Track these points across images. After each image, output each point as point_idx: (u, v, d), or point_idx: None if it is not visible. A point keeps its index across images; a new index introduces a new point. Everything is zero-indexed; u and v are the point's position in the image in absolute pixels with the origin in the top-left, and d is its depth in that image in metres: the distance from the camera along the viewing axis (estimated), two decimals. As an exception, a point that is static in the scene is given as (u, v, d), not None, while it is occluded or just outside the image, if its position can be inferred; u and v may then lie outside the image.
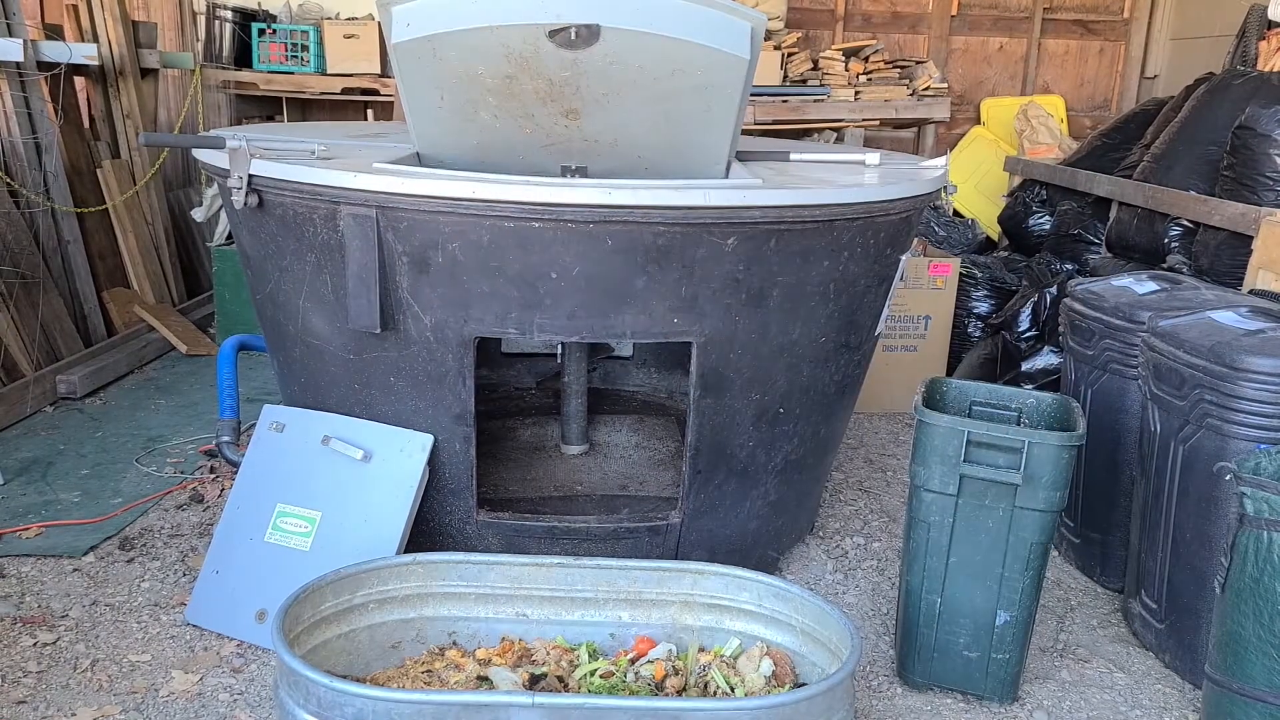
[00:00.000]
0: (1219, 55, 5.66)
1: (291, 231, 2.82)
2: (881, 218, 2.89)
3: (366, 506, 2.89)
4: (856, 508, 3.94)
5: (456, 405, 2.86)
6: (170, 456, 4.15)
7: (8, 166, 4.83)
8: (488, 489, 3.29)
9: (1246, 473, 2.35)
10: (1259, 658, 2.32)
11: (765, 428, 3.00)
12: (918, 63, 6.59)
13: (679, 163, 3.07)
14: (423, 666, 2.50)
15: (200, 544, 3.39)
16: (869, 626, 3.12)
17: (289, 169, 2.71)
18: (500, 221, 2.58)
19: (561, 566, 2.59)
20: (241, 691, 2.68)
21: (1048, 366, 4.34)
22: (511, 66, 2.79)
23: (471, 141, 3.06)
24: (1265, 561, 2.29)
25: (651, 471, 3.66)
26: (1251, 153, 3.80)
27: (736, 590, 2.58)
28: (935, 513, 2.65)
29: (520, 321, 2.72)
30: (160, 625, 2.96)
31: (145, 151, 5.87)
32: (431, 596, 2.59)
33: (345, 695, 2.03)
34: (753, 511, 3.15)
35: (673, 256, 2.64)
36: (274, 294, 3.04)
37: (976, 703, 2.77)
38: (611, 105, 2.89)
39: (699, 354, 2.79)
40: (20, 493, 3.74)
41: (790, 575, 3.39)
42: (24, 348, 4.67)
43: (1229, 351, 2.63)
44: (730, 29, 2.78)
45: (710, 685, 2.43)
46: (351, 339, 2.85)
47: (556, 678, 2.40)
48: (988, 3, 7.27)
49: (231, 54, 6.51)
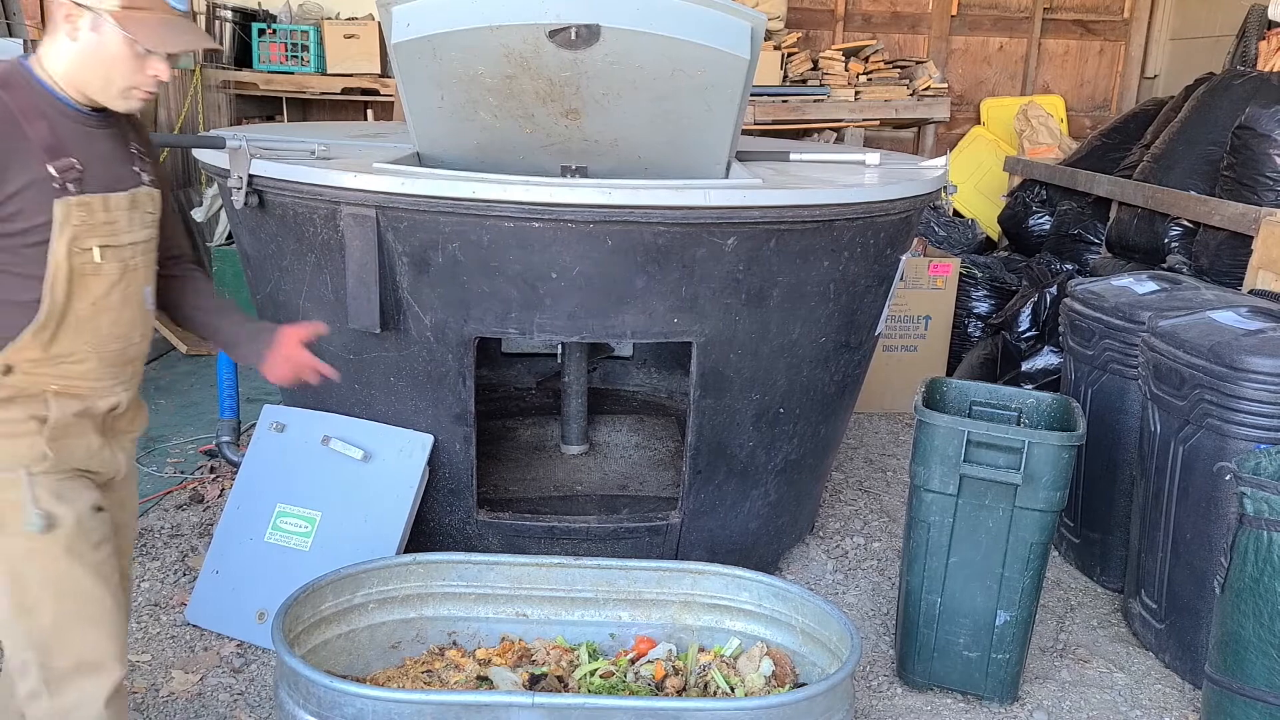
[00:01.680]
0: (1219, 55, 5.66)
1: (291, 231, 2.82)
2: (881, 218, 2.88)
3: (366, 506, 2.89)
4: (856, 508, 3.94)
5: (456, 405, 2.86)
6: (170, 456, 4.15)
7: (8, 166, 4.83)
8: (488, 489, 3.29)
9: (1246, 473, 2.35)
10: (1259, 658, 2.32)
11: (765, 428, 3.00)
12: (918, 63, 6.59)
13: (679, 163, 3.07)
14: (423, 666, 2.50)
15: (200, 544, 3.39)
16: (869, 626, 3.12)
17: (289, 169, 2.71)
18: (500, 221, 2.58)
19: (561, 566, 2.59)
20: (242, 691, 2.68)
21: (1048, 366, 4.34)
22: (511, 66, 2.79)
23: (471, 141, 3.06)
24: (1265, 561, 2.29)
25: (651, 471, 3.66)
26: (1251, 153, 3.79)
27: (736, 590, 2.58)
28: (935, 513, 2.65)
29: (520, 321, 2.72)
30: (160, 625, 2.96)
31: (145, 151, 5.86)
32: (431, 596, 2.59)
33: (345, 695, 2.03)
34: (753, 511, 3.15)
35: (673, 256, 2.64)
36: (274, 294, 3.04)
37: (976, 703, 2.77)
38: (611, 105, 2.89)
39: (699, 354, 2.79)
40: (20, 493, 3.74)
41: (790, 575, 3.39)
42: (24, 348, 4.66)
43: (1229, 351, 2.63)
44: (730, 29, 2.78)
45: (710, 685, 2.43)
46: (352, 339, 2.85)
47: (556, 678, 2.40)
48: (988, 3, 7.27)
49: (231, 54, 6.51)
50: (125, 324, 1.88)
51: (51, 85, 1.78)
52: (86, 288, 1.79)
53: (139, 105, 1.84)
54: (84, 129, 1.81)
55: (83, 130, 1.80)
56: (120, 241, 1.83)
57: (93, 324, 1.82)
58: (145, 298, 1.92)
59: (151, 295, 1.95)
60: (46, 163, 1.72)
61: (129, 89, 1.80)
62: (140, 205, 1.88)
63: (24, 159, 1.70)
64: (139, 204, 1.87)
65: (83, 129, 1.80)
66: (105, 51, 1.74)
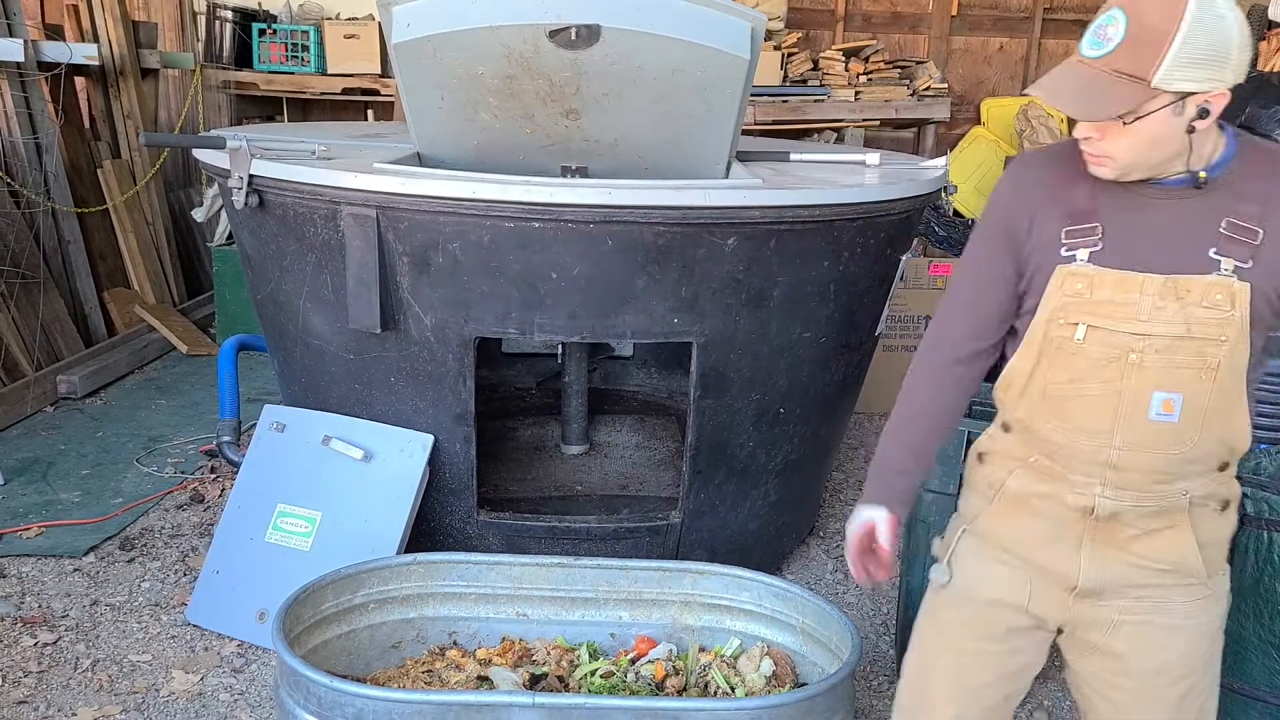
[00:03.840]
0: (1219, 55, 5.64)
1: (292, 231, 2.82)
2: (881, 218, 2.88)
3: (367, 506, 2.89)
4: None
5: (457, 405, 2.86)
6: (171, 456, 4.15)
7: (8, 166, 4.84)
8: (488, 489, 3.29)
9: (1246, 473, 2.35)
10: (1259, 658, 2.32)
11: (765, 428, 3.00)
12: (918, 63, 6.58)
13: (679, 163, 3.07)
14: (423, 666, 2.50)
15: (201, 544, 3.39)
16: (869, 626, 3.13)
17: (289, 169, 2.71)
18: (500, 221, 2.58)
19: (562, 566, 2.59)
20: (242, 691, 2.68)
21: (1048, 366, 4.33)
22: (512, 67, 2.79)
23: (472, 141, 3.06)
24: (1265, 561, 2.29)
25: (651, 471, 3.66)
26: (1251, 153, 3.79)
27: (737, 590, 2.58)
28: (935, 512, 2.65)
29: (521, 321, 2.72)
30: (161, 625, 2.96)
31: (145, 151, 5.87)
32: (432, 596, 2.59)
33: (346, 695, 2.03)
34: (753, 511, 3.15)
35: (673, 256, 2.64)
36: (275, 294, 3.04)
37: (976, 702, 2.77)
38: (611, 105, 2.89)
39: (699, 354, 2.79)
40: (20, 493, 3.75)
41: (790, 575, 3.39)
42: (24, 348, 4.67)
43: (1229, 351, 2.63)
44: (730, 29, 2.78)
45: (710, 685, 2.43)
46: (352, 339, 2.85)
47: (557, 678, 2.40)
48: (988, 3, 7.27)
49: (232, 54, 6.50)
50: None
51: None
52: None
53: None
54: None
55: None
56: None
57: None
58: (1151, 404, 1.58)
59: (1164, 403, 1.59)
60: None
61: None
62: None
63: None
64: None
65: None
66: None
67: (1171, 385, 1.54)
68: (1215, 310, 1.51)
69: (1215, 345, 1.51)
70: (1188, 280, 1.51)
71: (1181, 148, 1.48)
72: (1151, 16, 1.41)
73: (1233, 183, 1.53)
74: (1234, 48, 1.43)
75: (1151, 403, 1.55)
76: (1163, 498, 1.60)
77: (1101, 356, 1.55)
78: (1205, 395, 1.54)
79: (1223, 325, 1.51)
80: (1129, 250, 1.54)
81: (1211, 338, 1.51)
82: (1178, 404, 1.54)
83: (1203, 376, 1.53)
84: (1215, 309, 1.51)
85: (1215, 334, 1.51)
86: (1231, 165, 1.54)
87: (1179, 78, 1.41)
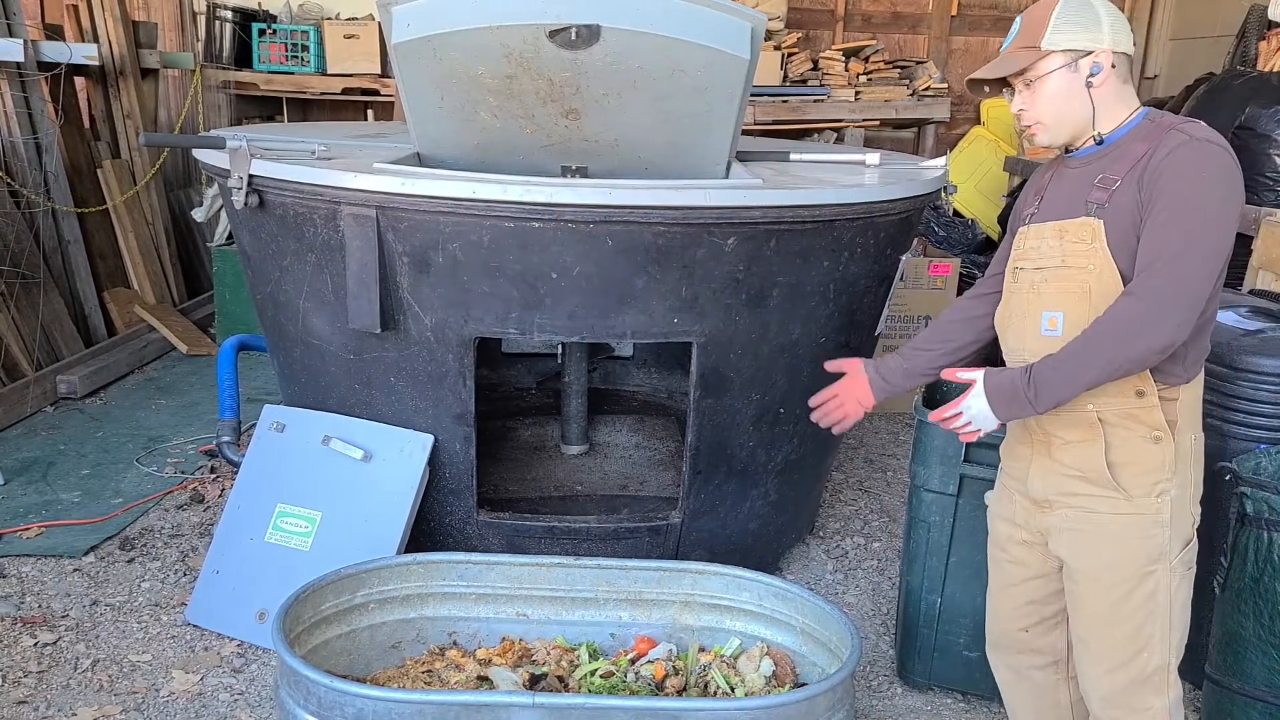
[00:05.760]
0: (1219, 55, 5.66)
1: (292, 231, 2.82)
2: (881, 218, 2.89)
3: (367, 506, 2.89)
4: (856, 508, 3.94)
5: (457, 405, 2.86)
6: (170, 456, 4.15)
7: (8, 166, 4.84)
8: (488, 489, 3.29)
9: (1246, 473, 2.35)
10: (1259, 658, 2.32)
11: (765, 428, 3.00)
12: (918, 63, 6.59)
13: (679, 163, 3.07)
14: (423, 666, 2.50)
15: (201, 544, 3.39)
16: (869, 626, 3.13)
17: (289, 169, 2.71)
18: (500, 221, 2.58)
19: (562, 566, 2.59)
20: (242, 691, 2.68)
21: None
22: (512, 67, 2.79)
23: (471, 141, 3.06)
24: (1265, 561, 2.29)
25: (651, 471, 3.66)
26: (1251, 153, 3.80)
27: (737, 590, 2.58)
28: (935, 513, 2.65)
29: (520, 321, 2.72)
30: (161, 625, 2.96)
31: (145, 151, 5.87)
32: (432, 596, 2.59)
33: (346, 695, 2.03)
34: (753, 511, 3.15)
35: (673, 256, 2.64)
36: (274, 294, 3.04)
37: (977, 702, 2.77)
38: (612, 105, 2.89)
39: (699, 354, 2.79)
40: (20, 493, 3.75)
41: (790, 575, 3.39)
42: (24, 348, 4.67)
43: (1229, 351, 2.63)
44: (730, 29, 2.78)
45: (710, 685, 2.43)
46: (352, 339, 2.86)
47: (557, 678, 2.40)
48: (988, 3, 7.27)
49: (231, 54, 6.51)
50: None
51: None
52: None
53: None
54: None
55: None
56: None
57: None
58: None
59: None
60: None
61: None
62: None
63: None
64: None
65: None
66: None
67: (1055, 306, 1.91)
68: (1081, 243, 1.87)
69: (1083, 273, 1.87)
70: (1066, 223, 1.91)
71: (1087, 105, 1.88)
72: (1037, 9, 1.91)
73: (1123, 146, 1.88)
74: (1103, 14, 1.86)
75: (1041, 320, 1.93)
76: (1071, 408, 1.89)
77: (1019, 289, 1.98)
78: (1085, 315, 1.86)
79: (1088, 255, 1.86)
80: (1047, 210, 1.97)
81: (1081, 266, 1.87)
82: (1060, 321, 1.90)
83: (1079, 299, 1.87)
84: (1081, 242, 1.88)
85: (1084, 263, 1.87)
86: (1130, 133, 1.88)
87: (1063, 40, 1.85)
